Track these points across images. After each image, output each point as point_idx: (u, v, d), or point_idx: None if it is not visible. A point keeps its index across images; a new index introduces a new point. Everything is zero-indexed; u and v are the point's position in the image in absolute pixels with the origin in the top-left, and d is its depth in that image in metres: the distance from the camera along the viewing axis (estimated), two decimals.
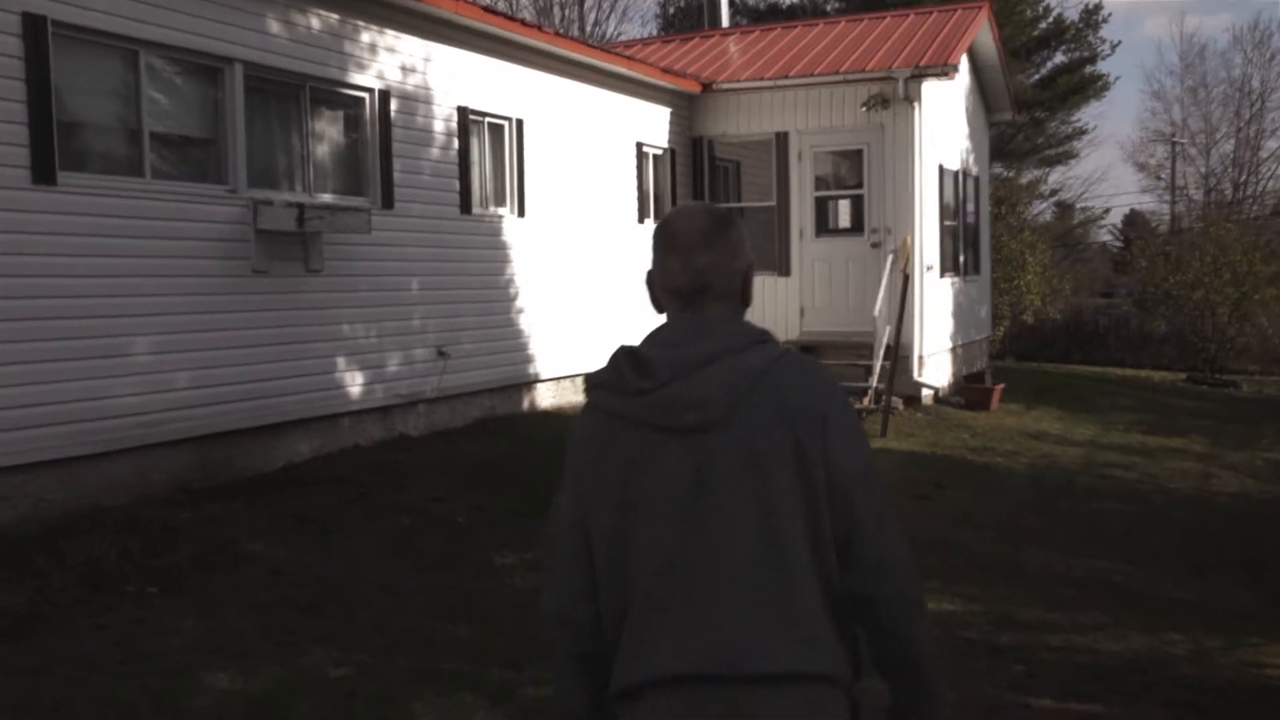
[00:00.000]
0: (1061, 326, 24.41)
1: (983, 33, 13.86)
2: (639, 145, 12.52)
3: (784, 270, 13.04)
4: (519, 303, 10.45)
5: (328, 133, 8.56)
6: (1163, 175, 43.56)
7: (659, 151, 13.02)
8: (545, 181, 10.85)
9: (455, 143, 9.62)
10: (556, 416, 10.72)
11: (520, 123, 10.47)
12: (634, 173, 12.42)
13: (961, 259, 14.36)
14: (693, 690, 1.73)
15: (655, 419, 1.78)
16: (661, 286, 1.91)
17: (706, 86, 13.14)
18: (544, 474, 8.12)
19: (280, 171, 8.08)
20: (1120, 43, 47.10)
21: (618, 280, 12.03)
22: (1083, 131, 31.96)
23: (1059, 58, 29.41)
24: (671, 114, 13.12)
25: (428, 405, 9.29)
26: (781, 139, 13.02)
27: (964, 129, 14.47)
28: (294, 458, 7.93)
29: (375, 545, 6.22)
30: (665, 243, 1.89)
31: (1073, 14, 29.06)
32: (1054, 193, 34.85)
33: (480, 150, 10.15)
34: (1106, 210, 42.51)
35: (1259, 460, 11.31)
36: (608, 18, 31.82)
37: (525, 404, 10.64)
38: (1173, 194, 43.09)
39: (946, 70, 11.89)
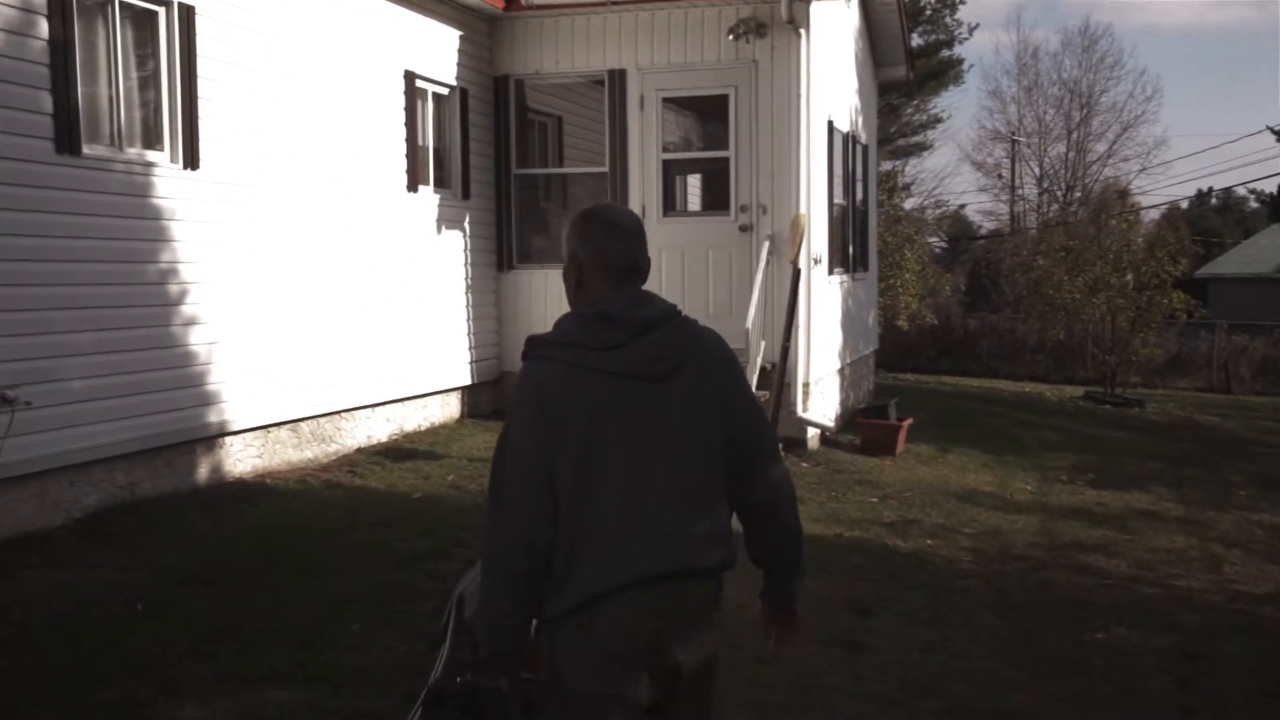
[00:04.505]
0: (929, 332, 21.78)
1: None
2: (410, 78, 8.57)
3: None
4: (188, 308, 6.37)
5: None
6: (1003, 174, 42.87)
7: (443, 90, 9.09)
8: (241, 116, 6.79)
9: (44, 26, 5.48)
10: (263, 492, 6.66)
11: (189, 11, 6.38)
12: (402, 117, 8.47)
13: (851, 251, 11.00)
14: (657, 585, 2.15)
15: (627, 369, 2.17)
16: (597, 264, 2.26)
17: (512, 2, 9.31)
18: (171, 644, 4.13)
19: None
20: (978, 25, 45.57)
21: (377, 274, 8.06)
22: (938, 120, 30.24)
23: (916, 40, 27.25)
24: (463, 39, 9.22)
25: None
26: (617, 79, 9.31)
27: (853, 81, 11.10)
28: None
29: None
30: (608, 229, 2.29)
31: None
32: (907, 186, 32.93)
33: (108, 49, 6.01)
34: (962, 206, 41.16)
35: (1256, 529, 8.30)
36: None
37: (202, 474, 6.56)
38: (1012, 193, 42.30)
39: None
